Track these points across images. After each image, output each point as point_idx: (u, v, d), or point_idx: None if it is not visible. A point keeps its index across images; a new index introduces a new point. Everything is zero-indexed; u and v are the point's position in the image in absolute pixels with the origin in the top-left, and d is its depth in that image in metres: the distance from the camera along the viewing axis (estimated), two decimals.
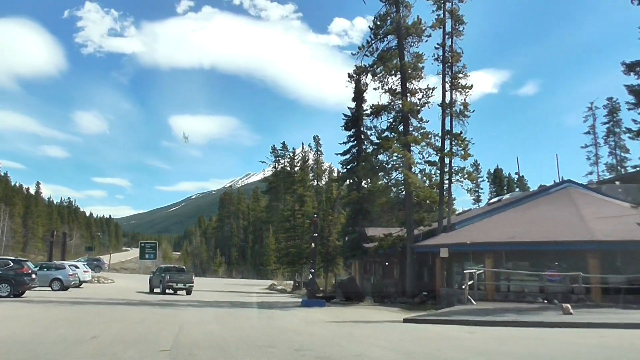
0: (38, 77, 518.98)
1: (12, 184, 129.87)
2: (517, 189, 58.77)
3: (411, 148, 28.51)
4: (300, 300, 30.96)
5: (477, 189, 77.31)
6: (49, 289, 33.10)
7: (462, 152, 28.71)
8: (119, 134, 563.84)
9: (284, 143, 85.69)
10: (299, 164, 47.48)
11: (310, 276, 25.88)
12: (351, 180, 31.94)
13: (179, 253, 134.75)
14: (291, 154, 46.71)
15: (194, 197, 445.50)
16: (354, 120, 32.30)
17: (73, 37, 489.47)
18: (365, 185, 32.01)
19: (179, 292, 33.14)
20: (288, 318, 19.07)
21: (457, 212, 41.74)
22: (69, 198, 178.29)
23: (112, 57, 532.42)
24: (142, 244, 72.28)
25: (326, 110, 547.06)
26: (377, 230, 33.11)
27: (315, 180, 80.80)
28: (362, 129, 32.20)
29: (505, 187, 70.55)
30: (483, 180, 75.30)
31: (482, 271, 23.56)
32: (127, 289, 39.21)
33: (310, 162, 79.30)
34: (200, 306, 24.53)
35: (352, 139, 32.29)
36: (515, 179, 70.68)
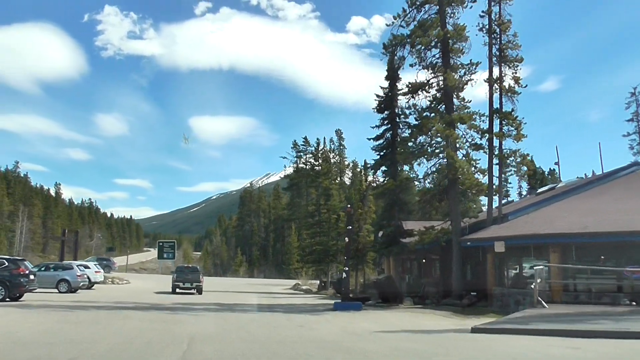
0: (60, 81, 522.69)
1: (33, 185, 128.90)
2: (562, 181, 54.38)
3: (456, 129, 24.85)
4: (331, 302, 27.54)
5: (505, 182, 73.49)
6: (56, 290, 30.14)
7: (515, 132, 24.93)
8: (139, 136, 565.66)
9: (305, 138, 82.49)
10: (323, 156, 43.88)
11: (344, 275, 22.40)
12: (385, 168, 28.34)
13: (199, 253, 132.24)
14: (315, 146, 43.22)
15: (214, 197, 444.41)
16: (387, 101, 28.73)
17: (93, 41, 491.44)
18: (402, 173, 28.29)
19: (191, 292, 31.98)
20: (324, 326, 15.59)
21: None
22: (89, 199, 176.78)
23: (131, 59, 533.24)
24: (161, 244, 69.37)
25: (345, 109, 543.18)
26: (414, 224, 29.55)
27: (339, 177, 77.32)
28: (396, 110, 28.62)
29: (539, 181, 66.28)
30: (511, 174, 71.36)
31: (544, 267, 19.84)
32: (141, 290, 36.17)
33: (332, 156, 75.89)
34: (218, 310, 21.19)
35: (385, 122, 28.71)
36: (555, 169, 66.17)
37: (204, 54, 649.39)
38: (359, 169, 78.01)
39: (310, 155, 78.94)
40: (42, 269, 32.21)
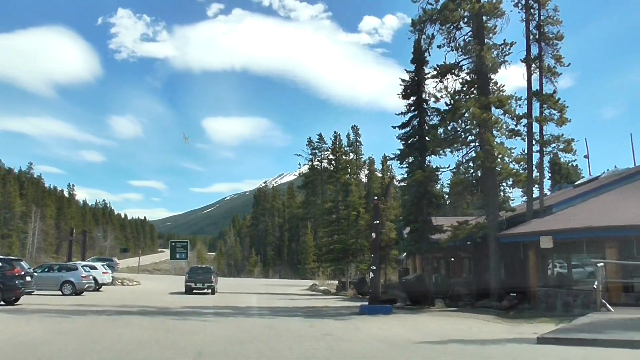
0: (74, 84, 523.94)
1: (46, 186, 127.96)
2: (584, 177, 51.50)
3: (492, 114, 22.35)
4: (354, 304, 25.25)
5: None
6: (60, 293, 28.12)
7: (558, 116, 22.38)
8: (153, 137, 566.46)
9: (320, 135, 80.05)
10: (341, 151, 41.56)
11: (371, 274, 20.00)
12: (412, 158, 25.85)
13: (213, 254, 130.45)
14: (333, 139, 40.84)
15: (228, 198, 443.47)
16: (413, 86, 26.24)
17: (107, 44, 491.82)
18: (428, 165, 25.75)
19: (204, 292, 31.91)
20: (355, 335, 13.26)
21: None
22: (103, 200, 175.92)
23: (145, 61, 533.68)
24: (173, 244, 67.22)
25: (358, 109, 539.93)
26: (443, 219, 27.12)
27: (356, 174, 74.81)
28: (423, 95, 26.15)
29: (564, 175, 63.47)
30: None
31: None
32: (151, 292, 34.12)
33: (350, 150, 73.52)
34: (232, 315, 18.95)
35: (411, 108, 26.23)
36: (578, 164, 63.28)
37: (216, 56, 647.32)
38: (375, 166, 75.66)
39: (327, 152, 76.62)
40: (45, 270, 30.26)
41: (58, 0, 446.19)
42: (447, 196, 30.60)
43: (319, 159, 79.75)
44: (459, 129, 22.83)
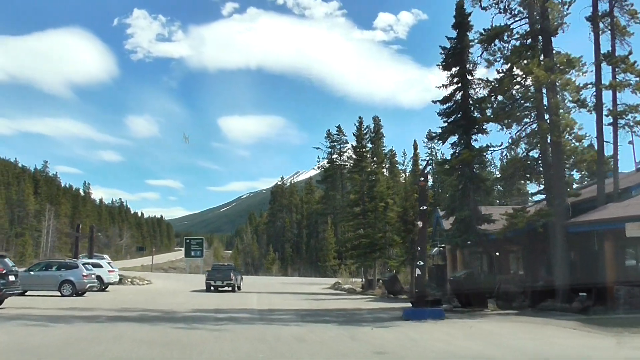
0: (92, 85, 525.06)
1: (62, 185, 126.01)
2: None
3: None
4: (389, 305, 21.88)
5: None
6: (59, 294, 25.04)
7: (636, 81, 18.63)
8: (169, 137, 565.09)
9: (339, 127, 76.40)
10: (366, 138, 37.87)
11: (417, 271, 16.41)
12: (456, 137, 22.24)
13: (230, 252, 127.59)
14: (357, 125, 37.12)
15: (244, 196, 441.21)
16: (456, 54, 22.62)
17: (123, 44, 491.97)
18: (476, 143, 22.10)
19: (224, 289, 31.65)
20: (416, 353, 9.78)
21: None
22: (120, 199, 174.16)
23: (161, 61, 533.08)
24: (188, 241, 64.15)
25: (374, 106, 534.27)
26: (490, 208, 23.53)
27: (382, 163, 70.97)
28: (467, 66, 22.54)
29: None
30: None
31: None
32: (161, 292, 30.99)
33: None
34: (250, 322, 15.54)
35: (454, 80, 22.63)
36: None
37: (232, 55, 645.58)
38: (395, 159, 71.87)
39: (347, 145, 73.04)
40: (43, 268, 27.11)
41: (75, 2, 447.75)
42: (495, 181, 26.80)
43: (339, 152, 76.34)
44: (515, 99, 19.07)
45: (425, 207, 16.55)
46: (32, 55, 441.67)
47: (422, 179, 17.10)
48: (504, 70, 19.96)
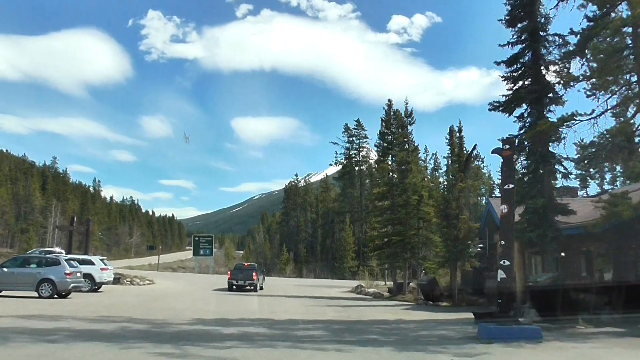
0: (106, 85, 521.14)
1: (72, 182, 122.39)
2: None
3: None
4: (437, 316, 17.32)
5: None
6: (36, 295, 20.73)
7: None
8: (183, 137, 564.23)
9: (358, 121, 71.67)
10: (397, 121, 32.81)
11: (501, 274, 11.70)
12: (524, 107, 17.57)
13: (242, 252, 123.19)
14: (386, 108, 32.13)
15: (256, 197, 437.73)
16: (524, 5, 18.03)
17: (137, 45, 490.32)
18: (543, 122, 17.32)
19: (247, 289, 30.86)
20: None
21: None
22: (131, 197, 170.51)
23: (175, 62, 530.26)
24: (197, 238, 59.48)
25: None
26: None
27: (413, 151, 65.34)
28: (539, 19, 17.89)
29: None
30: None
31: None
32: (161, 294, 26.57)
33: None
34: (269, 341, 10.92)
35: (522, 37, 17.99)
36: None
37: (245, 56, 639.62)
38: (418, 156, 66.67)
39: (366, 140, 68.34)
40: (20, 264, 22.66)
41: (90, 3, 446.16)
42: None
43: (357, 147, 71.60)
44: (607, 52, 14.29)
45: (511, 186, 11.88)
46: (47, 55, 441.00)
47: (508, 147, 12.38)
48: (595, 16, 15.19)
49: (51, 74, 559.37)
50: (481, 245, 30.54)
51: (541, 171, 17.00)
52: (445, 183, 28.94)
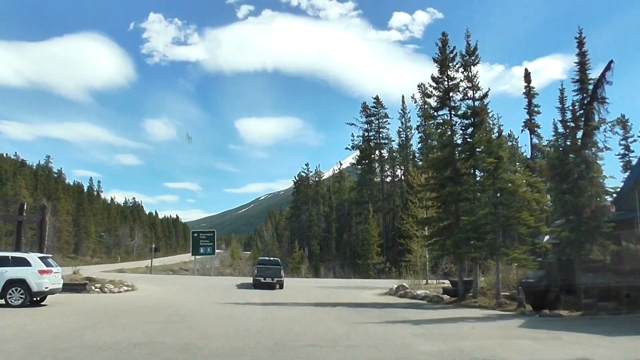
0: (110, 89, 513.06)
1: (68, 182, 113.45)
2: None
3: None
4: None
5: (626, 151, 53.42)
6: None
7: None
8: (186, 138, 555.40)
9: (377, 98, 62.20)
10: (457, 62, 23.50)
11: None
12: None
13: (249, 252, 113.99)
14: (439, 43, 22.94)
15: (262, 198, 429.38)
16: None
17: (140, 49, 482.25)
18: None
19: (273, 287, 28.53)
20: None
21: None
22: (133, 198, 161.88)
23: (177, 65, 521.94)
24: (195, 234, 49.84)
25: (391, 106, 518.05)
26: None
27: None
28: None
29: None
30: (635, 141, 51.37)
31: None
32: (134, 305, 17.54)
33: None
34: None
35: None
36: None
37: (248, 57, 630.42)
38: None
39: (386, 120, 58.61)
40: None
41: (91, 7, 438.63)
42: None
43: (377, 128, 62.10)
44: None
45: None
46: (50, 60, 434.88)
47: None
48: None
49: (54, 80, 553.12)
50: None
51: None
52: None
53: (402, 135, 62.66)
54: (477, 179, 21.93)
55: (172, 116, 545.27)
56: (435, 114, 23.82)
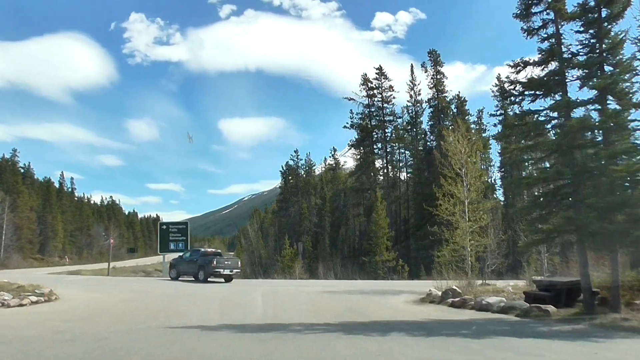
0: (91, 89, 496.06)
1: (37, 178, 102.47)
2: None
3: None
4: None
5: None
6: None
7: None
8: (170, 140, 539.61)
9: (380, 68, 52.80)
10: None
11: None
12: None
13: (232, 253, 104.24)
14: None
15: (245, 199, 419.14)
16: None
17: (121, 48, 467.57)
18: None
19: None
20: None
21: None
22: (110, 197, 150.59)
23: (159, 65, 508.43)
24: (164, 227, 40.15)
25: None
26: None
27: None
28: None
29: None
30: None
31: None
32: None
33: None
34: None
35: None
36: None
37: (230, 57, 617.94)
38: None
39: (391, 92, 49.65)
40: None
41: (72, 7, 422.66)
42: None
43: (381, 101, 52.76)
44: None
45: None
46: (30, 60, 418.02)
47: None
48: None
49: (34, 80, 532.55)
50: None
51: None
52: None
53: (410, 111, 53.73)
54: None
55: (154, 117, 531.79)
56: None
